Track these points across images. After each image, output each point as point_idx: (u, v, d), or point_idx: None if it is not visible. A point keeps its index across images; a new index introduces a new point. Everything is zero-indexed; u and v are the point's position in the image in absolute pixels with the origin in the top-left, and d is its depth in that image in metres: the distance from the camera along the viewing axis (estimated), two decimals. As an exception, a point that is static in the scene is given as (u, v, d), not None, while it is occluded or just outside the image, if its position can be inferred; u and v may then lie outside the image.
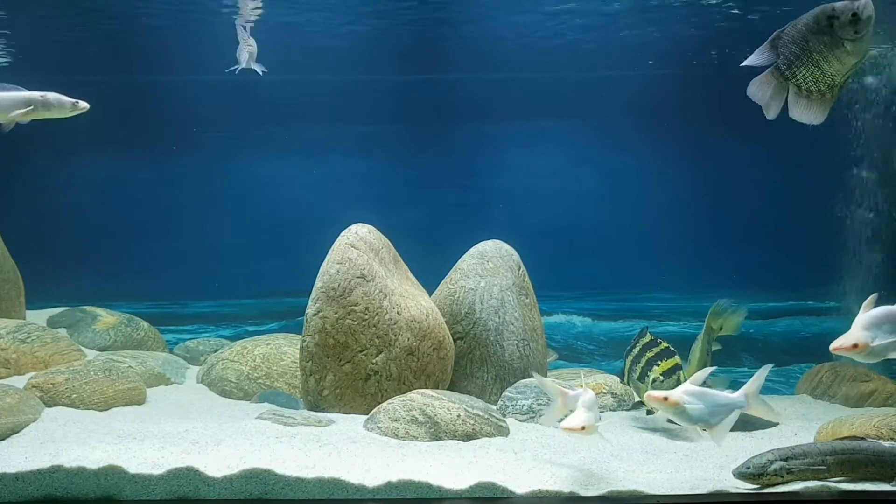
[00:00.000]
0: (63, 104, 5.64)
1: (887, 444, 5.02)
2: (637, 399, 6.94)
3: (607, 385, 7.17)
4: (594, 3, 9.17)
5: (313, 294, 6.67)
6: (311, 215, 8.92)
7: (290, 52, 9.34)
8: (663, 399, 4.81)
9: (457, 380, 7.15)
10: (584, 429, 4.78)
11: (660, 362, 6.38)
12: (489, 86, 10.73)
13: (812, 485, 4.88)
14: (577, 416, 4.87)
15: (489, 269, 7.39)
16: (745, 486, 4.89)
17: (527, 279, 7.54)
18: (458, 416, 5.90)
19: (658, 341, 6.64)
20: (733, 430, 5.45)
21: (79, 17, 9.30)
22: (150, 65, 9.87)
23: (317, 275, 6.72)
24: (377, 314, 6.64)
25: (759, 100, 4.79)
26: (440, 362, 6.89)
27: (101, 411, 6.25)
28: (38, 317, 8.72)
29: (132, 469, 4.72)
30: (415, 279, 7.43)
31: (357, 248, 6.80)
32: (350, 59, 10.13)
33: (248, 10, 9.10)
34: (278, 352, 7.59)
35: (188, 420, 6.06)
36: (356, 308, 6.60)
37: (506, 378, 7.07)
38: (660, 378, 6.24)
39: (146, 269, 10.41)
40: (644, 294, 10.75)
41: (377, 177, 10.65)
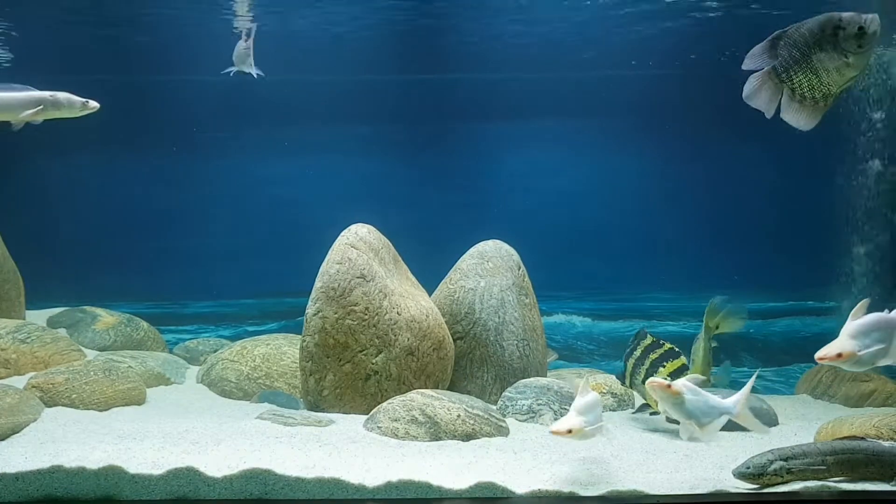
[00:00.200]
0: (73, 104, 5.64)
1: (887, 444, 5.01)
2: (643, 401, 6.88)
3: (607, 385, 7.17)
4: (594, 3, 9.18)
5: (313, 294, 6.67)
6: (311, 215, 8.92)
7: (289, 52, 9.35)
8: (666, 386, 4.80)
9: (457, 380, 7.15)
10: (570, 432, 4.75)
11: (665, 363, 6.34)
12: (489, 86, 10.72)
13: (812, 485, 4.88)
14: (565, 420, 4.84)
15: (489, 269, 7.39)
16: (745, 486, 4.88)
17: (527, 279, 7.54)
18: (458, 416, 5.90)
19: (661, 342, 6.58)
20: (733, 429, 5.47)
21: (76, 15, 9.30)
22: (151, 65, 9.86)
23: (317, 275, 6.73)
24: (377, 314, 6.64)
25: (753, 98, 4.77)
26: (440, 362, 6.89)
27: (100, 411, 6.25)
28: (38, 317, 8.72)
29: (132, 469, 4.72)
30: (415, 279, 7.43)
31: (357, 248, 6.80)
32: (350, 59, 10.13)
33: (244, 11, 9.11)
34: (278, 352, 7.59)
35: (188, 420, 6.06)
36: (356, 308, 6.60)
37: (506, 378, 7.07)
38: (667, 380, 6.21)
39: (146, 269, 10.39)
40: (644, 294, 10.73)
41: (377, 177, 10.63)
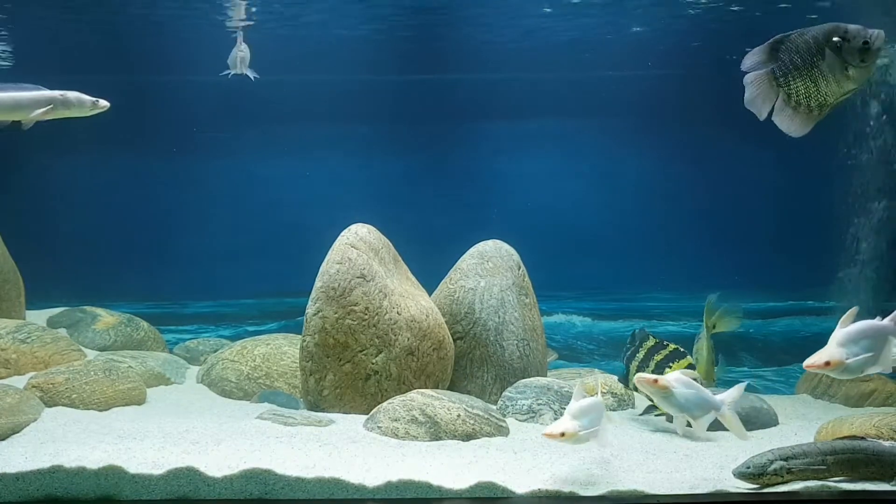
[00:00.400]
0: (83, 103, 5.63)
1: (887, 443, 5.01)
2: (649, 403, 6.78)
3: (607, 385, 7.16)
4: (595, 4, 9.18)
5: (313, 294, 6.67)
6: (310, 215, 8.92)
7: (289, 52, 9.36)
8: (653, 381, 4.80)
9: (457, 380, 7.15)
10: (563, 435, 4.71)
11: (671, 364, 6.30)
12: (490, 86, 10.73)
13: (812, 484, 4.87)
14: (558, 423, 4.81)
15: (489, 269, 7.39)
16: (745, 486, 4.88)
17: (527, 279, 7.54)
18: (458, 415, 5.90)
19: (665, 343, 6.56)
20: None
21: (73, 12, 9.31)
22: (151, 65, 9.86)
23: (317, 275, 6.73)
24: (377, 314, 6.64)
25: (750, 97, 4.77)
26: (440, 362, 6.89)
27: (101, 411, 6.25)
28: (38, 317, 8.71)
29: (132, 469, 4.72)
30: (415, 279, 7.43)
31: (357, 248, 6.80)
32: (350, 60, 10.13)
33: (241, 13, 9.11)
34: (278, 352, 7.59)
35: (188, 420, 6.05)
36: (356, 308, 6.60)
37: (506, 378, 7.07)
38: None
39: (146, 269, 10.40)
40: (644, 294, 10.74)
41: (377, 177, 10.64)
